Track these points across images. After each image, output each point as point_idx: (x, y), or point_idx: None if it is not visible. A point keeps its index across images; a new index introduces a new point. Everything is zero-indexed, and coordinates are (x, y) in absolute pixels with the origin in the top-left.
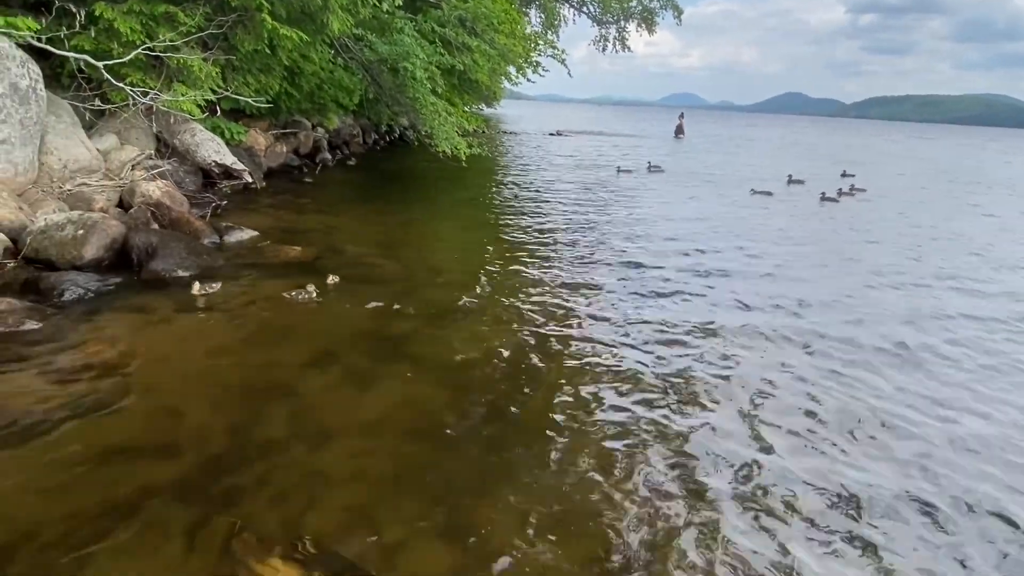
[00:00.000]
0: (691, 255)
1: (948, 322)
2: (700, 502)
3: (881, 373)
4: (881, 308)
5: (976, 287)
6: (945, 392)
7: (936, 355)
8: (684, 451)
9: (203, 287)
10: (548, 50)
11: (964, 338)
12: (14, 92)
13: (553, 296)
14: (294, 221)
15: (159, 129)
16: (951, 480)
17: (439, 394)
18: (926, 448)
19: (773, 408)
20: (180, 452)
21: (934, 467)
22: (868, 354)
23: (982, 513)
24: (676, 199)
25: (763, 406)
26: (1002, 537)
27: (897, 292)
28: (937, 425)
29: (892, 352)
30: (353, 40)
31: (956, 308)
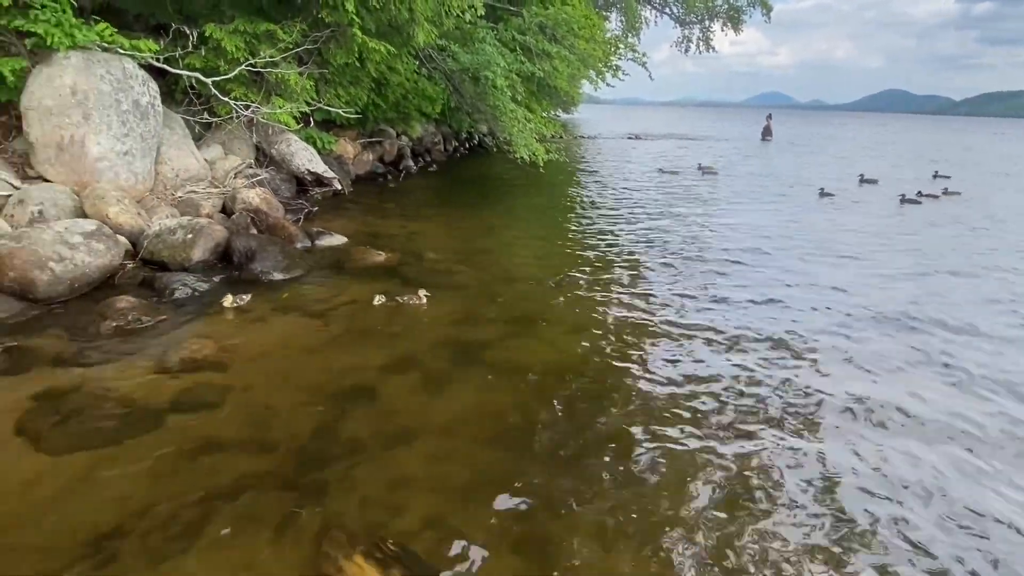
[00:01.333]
0: (774, 260)
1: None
2: (787, 526)
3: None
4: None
5: None
6: None
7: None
8: (773, 471)
9: (235, 299)
10: (628, 53)
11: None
12: (136, 108)
13: (633, 303)
14: (378, 226)
15: (258, 140)
16: None
17: (516, 402)
18: None
19: (875, 429)
20: (273, 446)
21: None
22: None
23: None
24: (757, 204)
25: (857, 427)
26: None
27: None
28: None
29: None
30: (437, 51)
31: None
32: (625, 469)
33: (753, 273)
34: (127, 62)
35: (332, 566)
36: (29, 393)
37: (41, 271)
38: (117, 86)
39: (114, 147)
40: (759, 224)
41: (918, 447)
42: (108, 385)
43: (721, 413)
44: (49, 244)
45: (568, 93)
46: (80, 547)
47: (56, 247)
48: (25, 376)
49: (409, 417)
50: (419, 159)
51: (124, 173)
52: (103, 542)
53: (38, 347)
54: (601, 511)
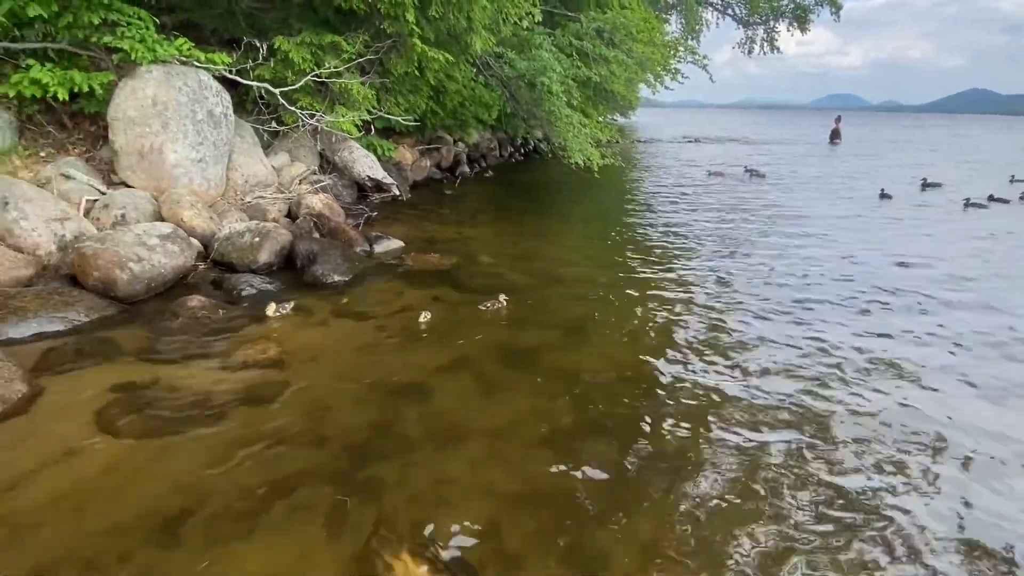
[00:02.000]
0: (823, 268)
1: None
2: (850, 551)
3: None
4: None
5: None
6: None
7: None
8: (839, 495)
9: (278, 308)
10: (688, 56)
11: None
12: (210, 118)
13: (688, 312)
14: (434, 231)
15: (322, 147)
16: None
17: (567, 409)
18: None
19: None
20: (328, 442)
21: None
22: None
23: None
24: (812, 207)
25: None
26: None
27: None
28: None
29: None
30: (494, 58)
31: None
32: (679, 487)
33: (808, 281)
34: (202, 74)
35: (380, 563)
36: (110, 384)
37: (122, 271)
38: (193, 97)
39: (189, 154)
40: (814, 228)
41: None
42: (178, 378)
43: (785, 432)
44: (129, 245)
45: (625, 97)
46: (148, 528)
47: (135, 248)
48: (107, 367)
49: (460, 419)
50: (475, 165)
51: (198, 179)
52: (169, 524)
53: (119, 341)
54: (651, 527)
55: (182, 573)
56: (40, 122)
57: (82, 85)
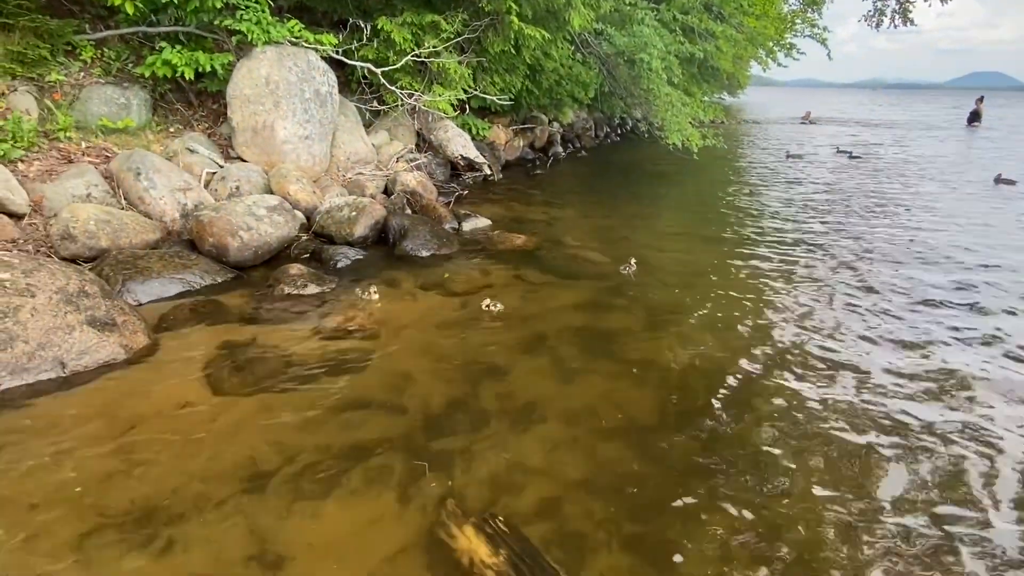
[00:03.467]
0: (945, 264)
1: None
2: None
3: None
4: None
5: None
6: None
7: None
8: (924, 504)
9: (363, 293)
10: (807, 29)
11: None
12: (316, 97)
13: (780, 307)
14: (522, 211)
15: (419, 126)
16: None
17: (643, 396)
18: None
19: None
20: (406, 412)
21: None
22: None
23: None
24: (911, 193)
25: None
26: None
27: None
28: None
29: None
30: (592, 35)
31: None
32: (758, 488)
33: (919, 272)
34: (311, 55)
35: (446, 533)
36: (217, 343)
37: (233, 238)
38: (302, 76)
39: (297, 132)
40: (904, 213)
41: None
42: (275, 342)
43: (874, 435)
44: (240, 215)
45: (732, 75)
46: (238, 478)
47: (245, 218)
48: (216, 327)
49: (535, 400)
50: (568, 145)
51: (304, 155)
52: (256, 477)
53: (227, 304)
54: (724, 526)
55: (265, 521)
56: (170, 100)
57: (205, 65)
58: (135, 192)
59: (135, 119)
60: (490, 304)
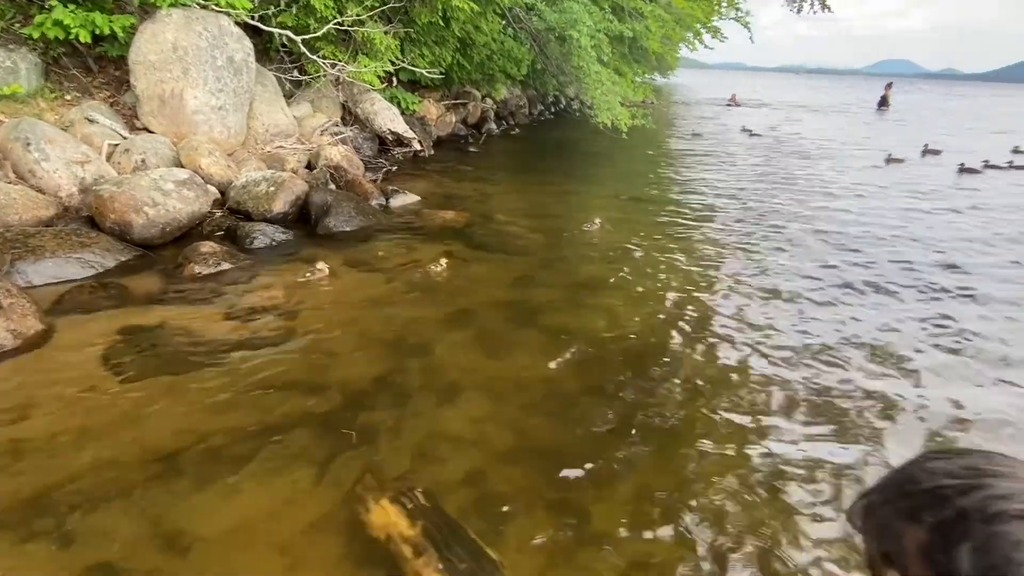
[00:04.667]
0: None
1: None
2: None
3: None
4: None
5: None
6: None
7: None
8: (836, 470)
9: (310, 270)
10: (731, 13)
11: None
12: (230, 64)
13: (703, 277)
14: (454, 188)
15: (345, 98)
16: None
17: (569, 369)
18: None
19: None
20: (327, 390)
21: None
22: None
23: None
24: (819, 170)
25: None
26: None
27: None
28: None
29: None
30: (524, 9)
31: None
32: (674, 450)
33: (814, 245)
34: (223, 19)
35: (362, 508)
36: (117, 326)
37: (137, 214)
38: (213, 42)
39: (209, 101)
40: (819, 188)
41: None
42: (185, 323)
43: (787, 405)
44: (145, 190)
45: (661, 55)
46: (143, 463)
47: (151, 193)
48: (119, 309)
49: (461, 374)
50: (502, 122)
51: (218, 126)
52: (163, 461)
53: (131, 285)
54: (641, 488)
55: (174, 507)
56: (66, 65)
57: (103, 28)
58: (25, 164)
59: (24, 84)
60: (433, 266)
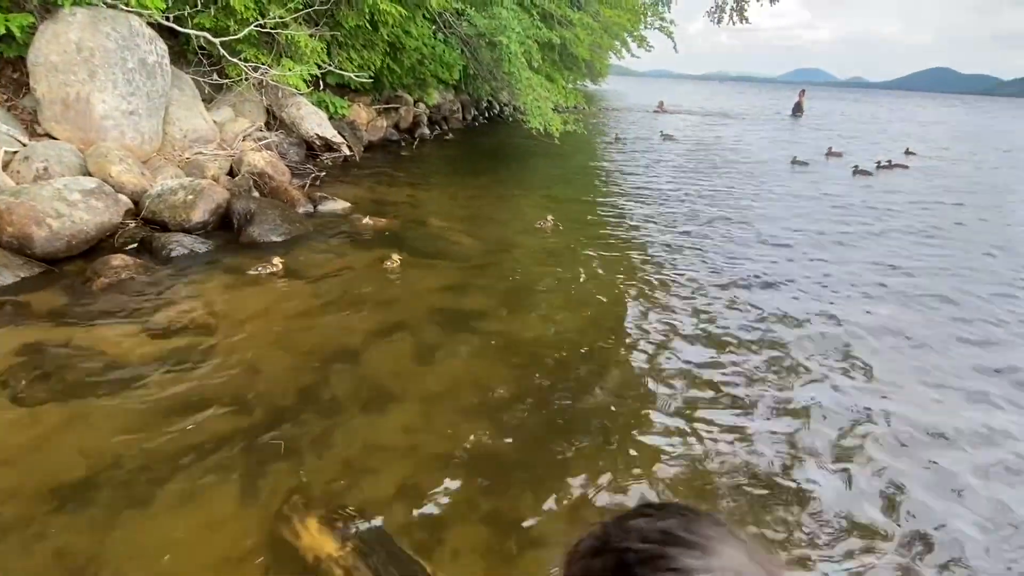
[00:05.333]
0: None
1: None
2: (769, 513)
3: None
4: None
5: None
6: None
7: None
8: (753, 454)
9: (263, 266)
10: (656, 23)
11: None
12: (142, 67)
13: (636, 277)
14: (385, 193)
15: (269, 102)
16: None
17: (504, 374)
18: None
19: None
20: (252, 407)
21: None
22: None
23: None
24: (720, 174)
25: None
26: None
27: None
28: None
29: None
30: (454, 14)
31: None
32: (608, 451)
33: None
34: (133, 19)
35: (289, 530)
36: (17, 347)
37: (39, 227)
38: (123, 44)
39: (119, 106)
40: (724, 191)
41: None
42: (94, 341)
43: (715, 396)
44: (47, 200)
45: (590, 63)
46: (46, 493)
47: (54, 203)
48: (19, 329)
49: (393, 384)
50: (436, 127)
51: (130, 132)
52: (69, 490)
53: (32, 302)
54: (578, 491)
55: (81, 539)
56: None
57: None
58: None
59: None
60: (389, 263)
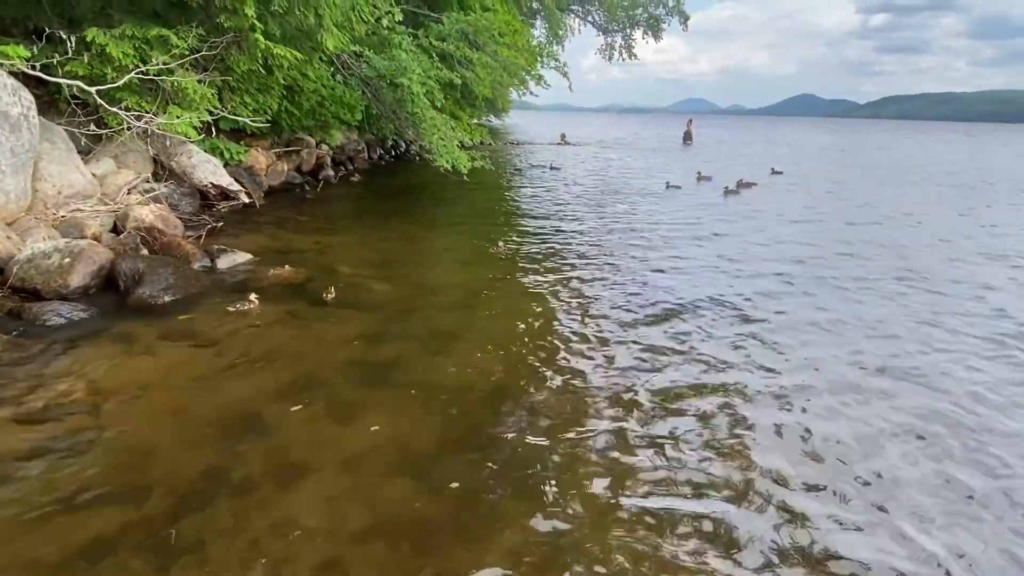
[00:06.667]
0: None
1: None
2: (705, 555)
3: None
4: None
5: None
6: None
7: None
8: (683, 493)
9: (239, 303)
10: (551, 62)
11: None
12: (4, 120)
13: (556, 313)
14: (290, 241)
15: (156, 152)
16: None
17: (428, 427)
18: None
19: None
20: (149, 496)
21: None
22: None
23: None
24: (608, 197)
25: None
26: None
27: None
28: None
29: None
30: (353, 57)
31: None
32: (544, 500)
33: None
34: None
35: None
36: None
37: None
38: None
39: None
40: (617, 217)
41: None
42: None
43: (645, 433)
44: None
45: (493, 100)
46: None
47: None
48: None
49: (309, 451)
50: (341, 168)
51: None
52: None
53: None
54: (517, 546)
55: None
56: None
57: None
58: None
59: None
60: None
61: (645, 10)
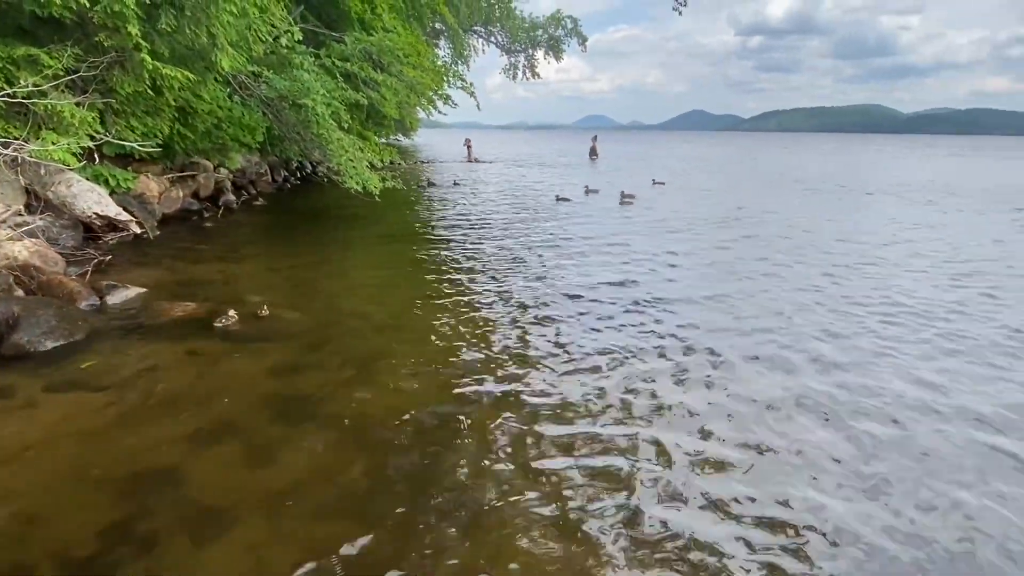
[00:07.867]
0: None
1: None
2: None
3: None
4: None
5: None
6: None
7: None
8: (625, 516)
9: (222, 319)
10: (457, 82)
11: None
12: None
13: (476, 326)
14: (190, 272)
15: (28, 181)
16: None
17: (355, 461)
18: None
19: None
20: (37, 567)
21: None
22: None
23: None
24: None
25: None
26: None
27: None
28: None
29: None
30: (251, 77)
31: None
32: (479, 530)
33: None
34: None
35: None
36: None
37: None
38: None
39: None
40: (514, 231)
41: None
42: None
43: (578, 458)
44: None
45: (400, 120)
46: None
47: None
48: None
49: (226, 497)
50: (243, 192)
51: None
52: None
53: None
54: (447, 571)
55: None
56: None
57: None
58: None
59: None
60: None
61: (545, 31)
